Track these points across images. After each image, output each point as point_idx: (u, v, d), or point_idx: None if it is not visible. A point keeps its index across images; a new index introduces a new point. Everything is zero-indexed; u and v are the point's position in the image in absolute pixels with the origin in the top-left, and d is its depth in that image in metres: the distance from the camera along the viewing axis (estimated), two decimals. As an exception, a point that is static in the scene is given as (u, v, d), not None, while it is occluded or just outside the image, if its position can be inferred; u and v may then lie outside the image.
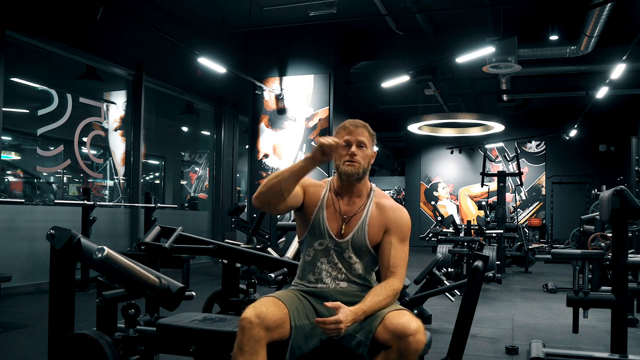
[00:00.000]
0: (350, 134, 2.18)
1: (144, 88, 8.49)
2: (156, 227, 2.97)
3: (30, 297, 6.03)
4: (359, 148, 2.17)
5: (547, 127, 14.95)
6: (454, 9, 8.25)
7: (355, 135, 2.18)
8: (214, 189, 10.63)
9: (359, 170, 2.16)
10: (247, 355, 1.87)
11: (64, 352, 2.22)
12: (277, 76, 9.68)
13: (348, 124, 2.22)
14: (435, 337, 3.45)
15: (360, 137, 2.18)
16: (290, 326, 1.98)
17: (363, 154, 2.18)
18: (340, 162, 2.19)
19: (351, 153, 2.16)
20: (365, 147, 2.19)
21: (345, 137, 2.18)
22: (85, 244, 2.28)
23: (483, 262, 2.33)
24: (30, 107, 7.43)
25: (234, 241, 3.30)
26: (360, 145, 2.18)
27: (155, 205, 7.36)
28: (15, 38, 6.56)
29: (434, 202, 15.88)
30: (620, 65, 8.34)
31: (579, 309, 3.35)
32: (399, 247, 2.15)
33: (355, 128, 2.19)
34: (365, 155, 2.18)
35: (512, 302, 6.07)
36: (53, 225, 2.32)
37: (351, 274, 2.16)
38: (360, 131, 2.19)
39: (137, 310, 2.25)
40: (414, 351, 1.87)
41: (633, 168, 7.52)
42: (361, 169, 2.17)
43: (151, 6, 8.45)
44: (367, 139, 2.19)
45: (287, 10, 8.47)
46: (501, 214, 9.05)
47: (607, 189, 3.32)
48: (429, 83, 11.03)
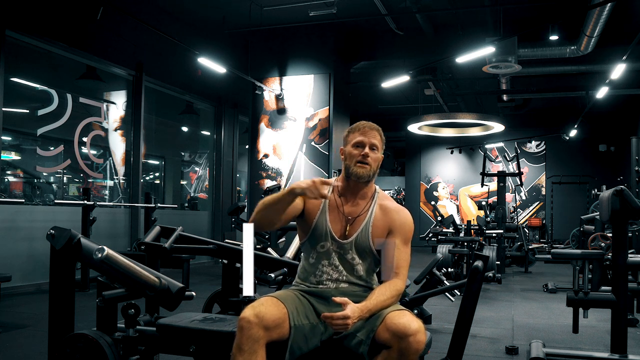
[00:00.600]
0: (364, 135, 2.19)
1: (144, 88, 8.49)
2: (156, 227, 2.97)
3: (30, 297, 6.03)
4: (371, 150, 2.18)
5: (547, 127, 14.95)
6: (454, 9, 8.25)
7: (369, 137, 2.19)
8: (214, 189, 10.63)
9: (369, 172, 2.17)
10: (246, 355, 1.87)
11: (64, 352, 2.22)
12: (277, 76, 9.68)
13: (362, 125, 2.22)
14: (435, 337, 3.45)
15: (374, 140, 2.19)
16: (290, 326, 1.98)
17: (375, 156, 2.19)
18: (351, 162, 2.18)
19: (364, 154, 2.16)
20: (377, 150, 2.20)
21: (359, 137, 2.19)
22: (85, 244, 2.28)
23: (483, 262, 2.33)
24: (30, 107, 7.43)
25: (234, 241, 3.30)
26: (372, 148, 2.18)
27: (155, 205, 7.36)
28: (15, 38, 6.56)
29: (434, 202, 15.88)
30: (620, 65, 8.34)
31: (579, 309, 3.35)
32: (402, 248, 2.16)
33: (370, 130, 2.20)
34: (377, 158, 2.20)
35: (512, 302, 6.07)
36: (53, 225, 2.32)
37: (353, 276, 2.16)
38: (374, 134, 2.20)
39: (137, 310, 2.25)
40: (414, 351, 1.88)
41: (633, 168, 7.52)
42: (372, 171, 2.18)
43: (151, 6, 8.45)
44: (379, 142, 2.20)
45: (287, 10, 8.47)
46: (501, 214, 9.05)
47: (607, 189, 3.32)
48: (429, 83, 11.03)
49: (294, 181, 9.38)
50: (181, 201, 11.21)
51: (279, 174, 9.58)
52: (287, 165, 9.55)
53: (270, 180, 9.55)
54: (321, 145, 9.31)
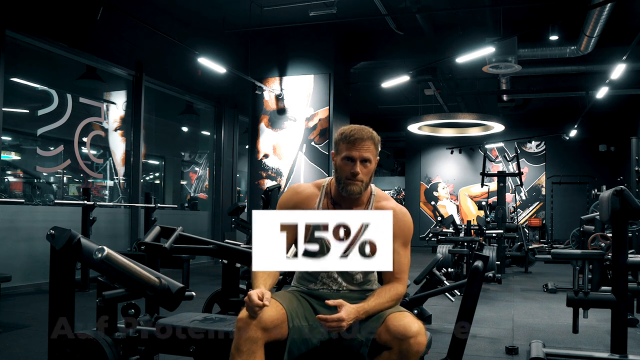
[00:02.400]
0: (354, 148, 2.01)
1: (144, 88, 8.49)
2: (156, 227, 2.96)
3: (30, 297, 6.02)
4: (362, 164, 2.02)
5: (547, 127, 14.95)
6: (454, 9, 8.25)
7: (360, 150, 2.01)
8: (214, 189, 10.63)
9: (361, 188, 2.05)
10: (245, 356, 1.86)
11: (64, 352, 2.21)
12: (277, 76, 9.68)
13: (352, 136, 2.01)
14: (435, 337, 3.45)
15: (365, 153, 2.01)
16: (288, 327, 1.97)
17: (367, 170, 2.04)
18: (341, 176, 2.05)
19: (353, 172, 2.01)
20: (370, 162, 2.04)
21: (348, 152, 2.01)
22: (85, 244, 2.28)
23: (483, 262, 2.33)
24: (30, 107, 7.43)
25: (234, 241, 3.30)
26: (364, 161, 2.03)
27: (155, 205, 7.35)
28: (15, 38, 6.56)
29: (434, 202, 15.88)
30: (620, 65, 8.34)
31: (579, 309, 3.35)
32: (402, 252, 2.11)
33: (361, 142, 2.00)
34: (369, 171, 2.05)
35: (512, 302, 6.07)
36: (53, 226, 2.32)
37: (351, 284, 2.14)
38: (366, 146, 2.01)
39: (137, 310, 2.25)
40: (414, 353, 1.87)
41: (633, 168, 7.52)
42: (363, 185, 2.05)
43: (151, 6, 8.45)
44: (372, 153, 2.03)
45: (287, 10, 8.47)
46: (501, 214, 9.05)
47: (607, 189, 3.32)
48: (429, 83, 11.03)
49: (294, 181, 9.39)
50: (181, 201, 11.21)
51: (279, 174, 9.58)
52: (287, 166, 9.55)
53: (270, 180, 9.55)
54: (321, 145, 9.31)
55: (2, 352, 3.64)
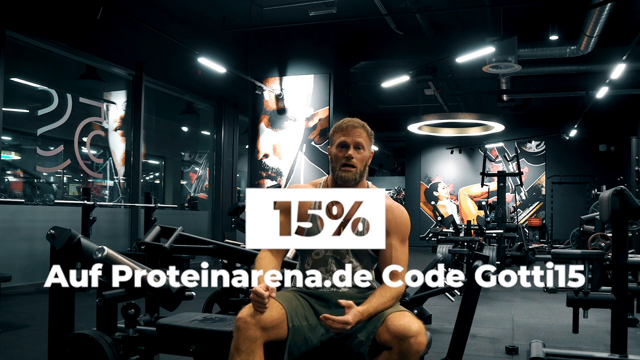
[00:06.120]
0: (347, 135, 2.10)
1: (144, 88, 8.49)
2: (156, 227, 2.97)
3: (30, 297, 6.02)
4: (356, 150, 2.10)
5: (547, 127, 14.95)
6: (454, 9, 8.25)
7: (353, 136, 2.10)
8: (214, 189, 10.63)
9: (355, 175, 2.10)
10: (244, 355, 1.86)
11: (64, 352, 2.21)
12: (277, 76, 9.68)
13: (345, 124, 2.12)
14: (435, 337, 3.45)
15: (358, 139, 2.10)
16: (288, 327, 1.97)
17: (360, 156, 2.11)
18: (336, 165, 2.12)
19: (348, 156, 2.08)
20: (363, 148, 2.11)
21: (342, 138, 2.10)
22: (85, 244, 2.28)
23: (483, 262, 2.33)
24: (30, 107, 7.43)
25: (234, 241, 3.30)
26: (357, 147, 2.10)
27: (155, 205, 7.35)
28: (15, 38, 6.56)
29: (434, 202, 15.88)
30: (620, 65, 8.34)
31: (579, 309, 3.35)
32: (400, 248, 2.12)
33: (353, 129, 2.11)
34: (363, 158, 2.11)
35: (512, 302, 6.07)
36: (53, 225, 2.32)
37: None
38: (359, 132, 2.11)
39: (137, 310, 2.25)
40: (415, 352, 1.87)
41: (633, 168, 7.51)
42: (358, 173, 2.10)
43: (151, 6, 8.45)
44: (365, 140, 2.11)
45: (287, 10, 8.47)
46: (501, 214, 9.04)
47: (607, 189, 3.32)
48: (429, 83, 11.03)
49: (294, 181, 9.39)
50: (181, 201, 11.21)
51: (279, 174, 9.58)
52: (287, 165, 9.55)
53: (270, 180, 9.55)
54: (321, 145, 9.31)
55: (2, 352, 3.64)
